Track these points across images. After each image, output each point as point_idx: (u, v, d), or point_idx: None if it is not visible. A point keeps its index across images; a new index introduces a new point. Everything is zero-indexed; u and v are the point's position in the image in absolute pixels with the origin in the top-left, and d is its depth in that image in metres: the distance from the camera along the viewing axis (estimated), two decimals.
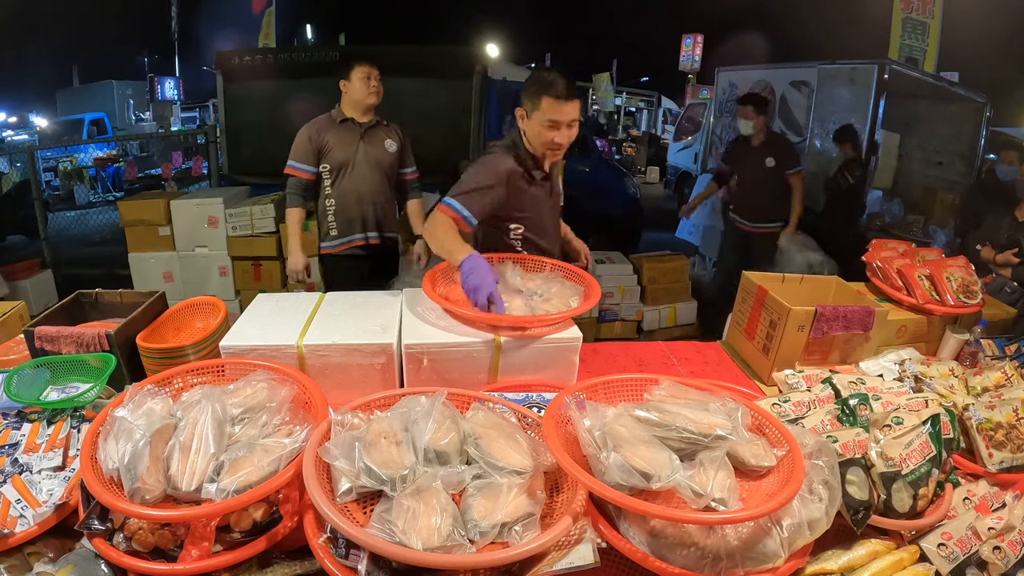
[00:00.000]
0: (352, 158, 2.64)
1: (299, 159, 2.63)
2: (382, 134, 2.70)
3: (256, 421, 1.14)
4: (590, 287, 1.70)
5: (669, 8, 20.40)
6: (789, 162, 3.92)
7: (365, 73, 2.57)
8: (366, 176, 2.67)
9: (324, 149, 2.62)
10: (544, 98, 1.75)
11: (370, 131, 2.67)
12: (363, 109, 2.63)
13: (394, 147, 2.72)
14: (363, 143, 2.65)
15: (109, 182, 9.77)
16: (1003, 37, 7.72)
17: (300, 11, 14.09)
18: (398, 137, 2.75)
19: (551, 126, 1.78)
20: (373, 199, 2.71)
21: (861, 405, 1.32)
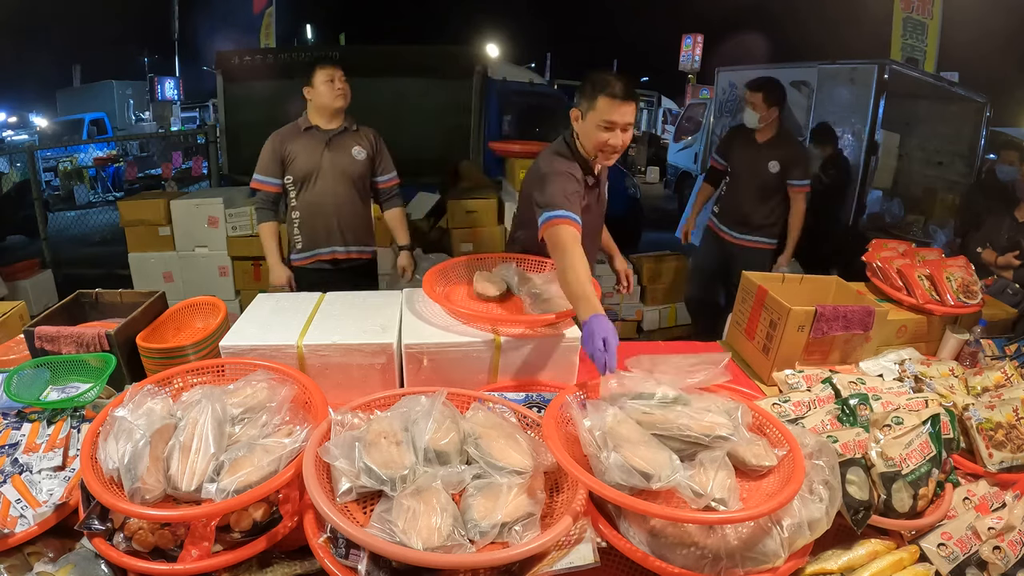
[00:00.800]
0: (316, 168, 2.47)
1: (264, 172, 2.49)
2: (350, 141, 2.51)
3: (256, 421, 1.14)
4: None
5: (669, 8, 20.39)
6: (796, 173, 3.20)
7: (328, 75, 2.41)
8: (331, 187, 2.49)
9: (288, 159, 2.47)
10: (601, 98, 1.69)
11: (336, 138, 2.49)
12: (330, 114, 2.47)
13: (363, 155, 2.53)
14: (328, 151, 2.47)
15: (109, 182, 9.77)
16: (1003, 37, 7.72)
17: (300, 11, 14.09)
18: (370, 143, 2.56)
19: (606, 127, 1.71)
20: (339, 211, 2.53)
21: (861, 405, 1.32)
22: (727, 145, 3.51)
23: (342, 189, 2.51)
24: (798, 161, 3.23)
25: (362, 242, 2.64)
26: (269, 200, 2.51)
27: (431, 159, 5.00)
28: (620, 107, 1.69)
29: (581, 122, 1.77)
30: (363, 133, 2.57)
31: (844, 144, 5.00)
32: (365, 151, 2.54)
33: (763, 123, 3.20)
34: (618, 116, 1.70)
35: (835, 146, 4.78)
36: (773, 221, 3.35)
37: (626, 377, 1.20)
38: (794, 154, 3.26)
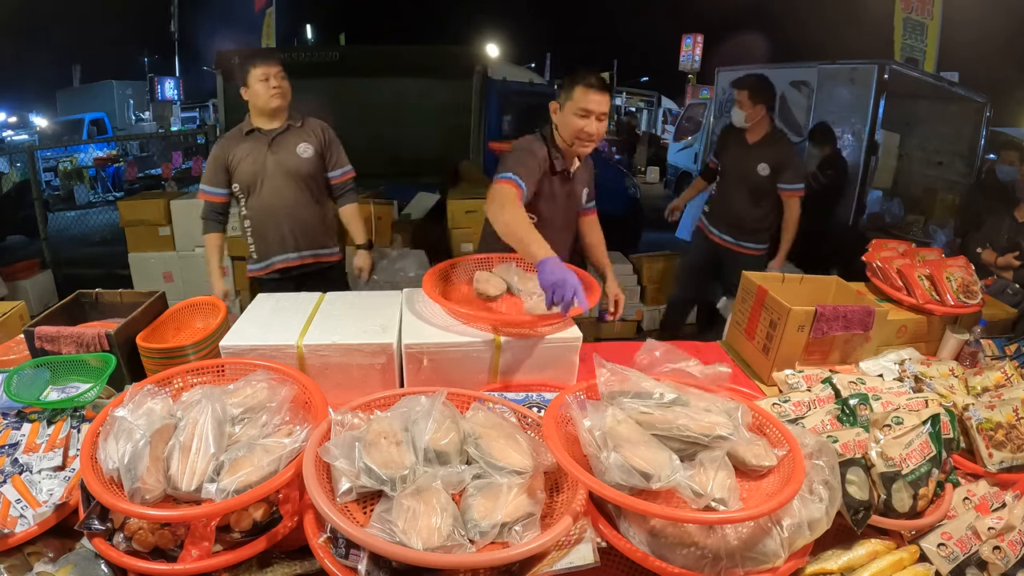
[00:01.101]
0: (261, 172, 2.35)
1: (209, 181, 2.40)
2: (294, 139, 2.38)
3: (256, 421, 1.14)
4: (590, 287, 1.70)
5: (669, 8, 20.39)
6: (787, 176, 3.07)
7: (263, 74, 2.28)
8: (279, 189, 2.37)
9: (232, 166, 2.36)
10: (577, 87, 1.84)
11: (280, 138, 2.36)
12: (268, 115, 2.35)
13: (310, 151, 2.39)
14: (272, 153, 2.35)
15: (109, 182, 9.78)
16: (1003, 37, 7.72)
17: (300, 11, 14.11)
18: (317, 138, 2.42)
19: (583, 115, 1.85)
20: (290, 214, 2.41)
21: (861, 405, 1.32)
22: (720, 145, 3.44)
23: (291, 191, 2.39)
24: (789, 163, 3.09)
25: (320, 245, 2.51)
26: (214, 210, 2.43)
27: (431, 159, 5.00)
28: (595, 95, 1.84)
29: (559, 113, 1.92)
30: (309, 128, 2.43)
31: (844, 144, 5.00)
32: (312, 147, 2.40)
33: (749, 121, 3.10)
34: (593, 104, 1.84)
35: (834, 146, 4.77)
36: (765, 226, 3.25)
37: (619, 371, 1.20)
38: (784, 156, 3.12)
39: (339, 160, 2.50)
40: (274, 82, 2.30)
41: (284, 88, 2.32)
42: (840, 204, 4.99)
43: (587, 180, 2.17)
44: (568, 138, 1.92)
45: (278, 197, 2.38)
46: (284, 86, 2.32)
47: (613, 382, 1.18)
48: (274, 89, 2.29)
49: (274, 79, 2.30)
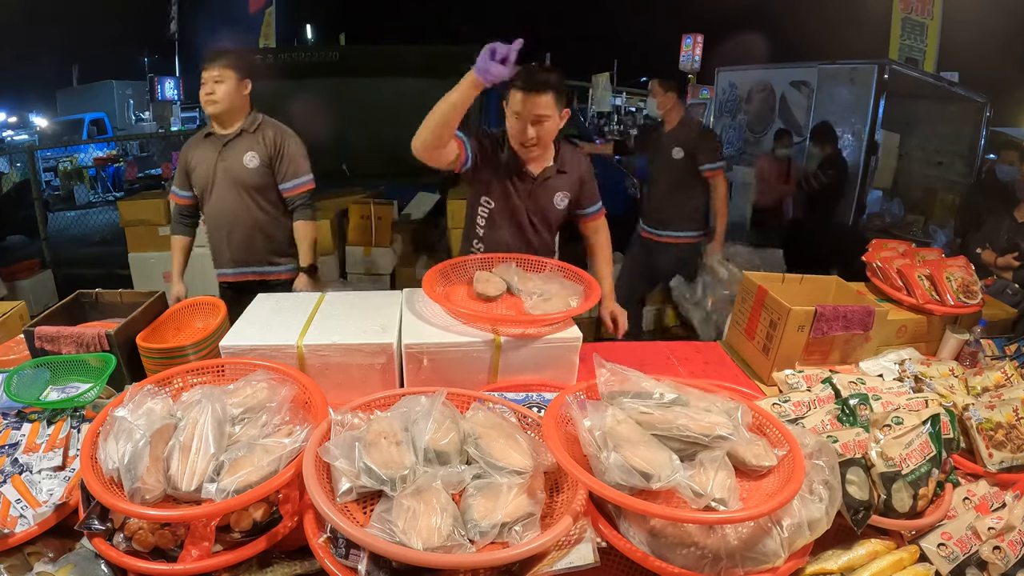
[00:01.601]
0: (211, 179, 2.23)
1: (176, 183, 2.31)
2: (243, 146, 2.21)
3: (256, 421, 1.14)
4: (590, 287, 1.70)
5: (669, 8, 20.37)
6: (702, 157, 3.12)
7: (203, 79, 2.13)
8: (223, 199, 2.24)
9: (190, 171, 2.26)
10: (511, 90, 1.76)
11: (230, 144, 2.20)
12: (219, 119, 2.21)
13: (256, 161, 2.20)
14: (220, 160, 2.21)
15: (109, 182, 9.78)
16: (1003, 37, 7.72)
17: (300, 11, 14.10)
18: (266, 147, 2.22)
19: (516, 118, 1.78)
20: (231, 227, 2.26)
21: (861, 405, 1.32)
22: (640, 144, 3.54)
23: (234, 202, 2.23)
24: (702, 144, 3.17)
25: (264, 262, 2.34)
26: (180, 212, 2.36)
27: None
28: (525, 98, 1.73)
29: (507, 112, 1.84)
30: (261, 134, 2.23)
31: (844, 144, 5.00)
32: (259, 156, 2.21)
33: (662, 109, 3.21)
34: (524, 107, 1.74)
35: (835, 146, 4.78)
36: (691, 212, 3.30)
37: (619, 371, 1.20)
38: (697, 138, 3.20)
39: (292, 171, 2.28)
40: (208, 87, 2.13)
41: (219, 93, 2.13)
42: (840, 204, 4.99)
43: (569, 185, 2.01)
44: (512, 140, 1.84)
45: (222, 207, 2.26)
46: (219, 92, 2.13)
47: (613, 382, 1.18)
48: (206, 96, 2.13)
49: (209, 84, 2.13)
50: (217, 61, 2.14)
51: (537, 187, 1.98)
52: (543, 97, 1.74)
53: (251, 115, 2.26)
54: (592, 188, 2.09)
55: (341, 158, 4.49)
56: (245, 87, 2.22)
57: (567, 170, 2.00)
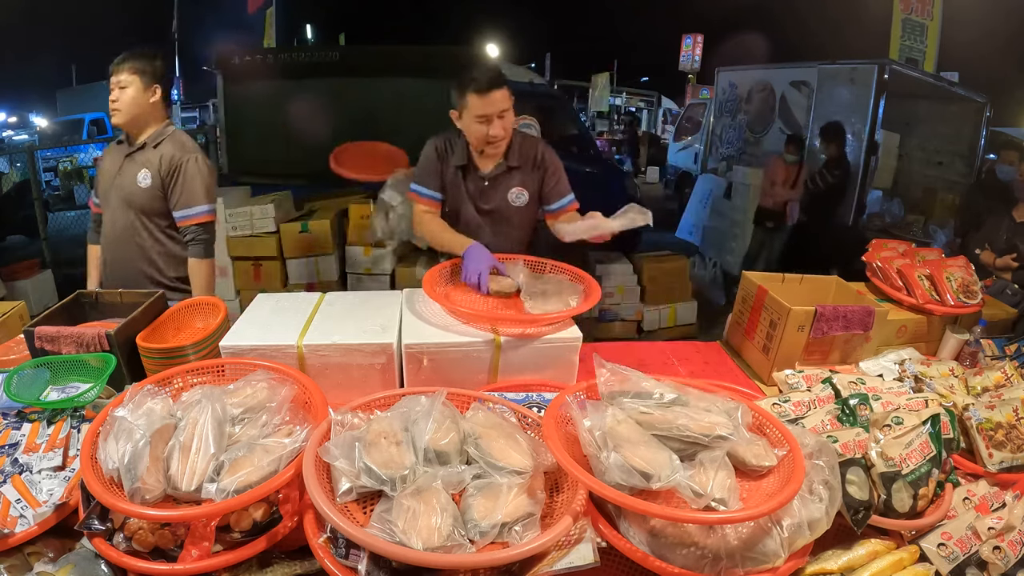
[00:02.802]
0: (108, 192, 2.00)
1: (95, 191, 2.11)
2: (140, 162, 1.95)
3: (256, 421, 1.14)
4: (590, 287, 1.70)
5: (669, 8, 20.41)
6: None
7: (112, 83, 1.93)
8: (113, 218, 2.00)
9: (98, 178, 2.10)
10: (468, 95, 1.78)
11: (130, 157, 1.97)
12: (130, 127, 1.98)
13: (147, 181, 1.93)
14: (118, 174, 1.98)
15: None
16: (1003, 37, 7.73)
17: (300, 11, 14.10)
18: (162, 166, 1.93)
19: (482, 120, 1.80)
20: (114, 246, 2.02)
21: (861, 405, 1.32)
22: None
23: (122, 221, 1.98)
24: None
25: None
26: (95, 220, 2.14)
27: None
28: (488, 98, 1.77)
29: (461, 120, 1.86)
30: (161, 152, 1.94)
31: (844, 144, 5.00)
32: (151, 177, 1.93)
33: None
34: (488, 108, 1.78)
35: (841, 146, 4.79)
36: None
37: (619, 371, 1.20)
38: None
39: (187, 198, 1.96)
40: (113, 94, 1.92)
41: (122, 101, 1.90)
42: (841, 204, 5.00)
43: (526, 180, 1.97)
44: (476, 145, 1.88)
45: (110, 226, 2.03)
46: (123, 98, 1.90)
47: (613, 382, 1.18)
48: (111, 103, 1.93)
49: (116, 89, 1.91)
50: (123, 64, 1.91)
51: (488, 187, 1.97)
52: (502, 92, 1.79)
53: (162, 127, 1.99)
54: (558, 180, 1.99)
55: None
56: (153, 94, 1.95)
57: (520, 164, 1.96)
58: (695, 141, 9.32)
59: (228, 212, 4.01)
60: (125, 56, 1.93)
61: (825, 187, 4.84)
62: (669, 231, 7.09)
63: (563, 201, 2.00)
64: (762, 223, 5.31)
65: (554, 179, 1.99)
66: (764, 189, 5.28)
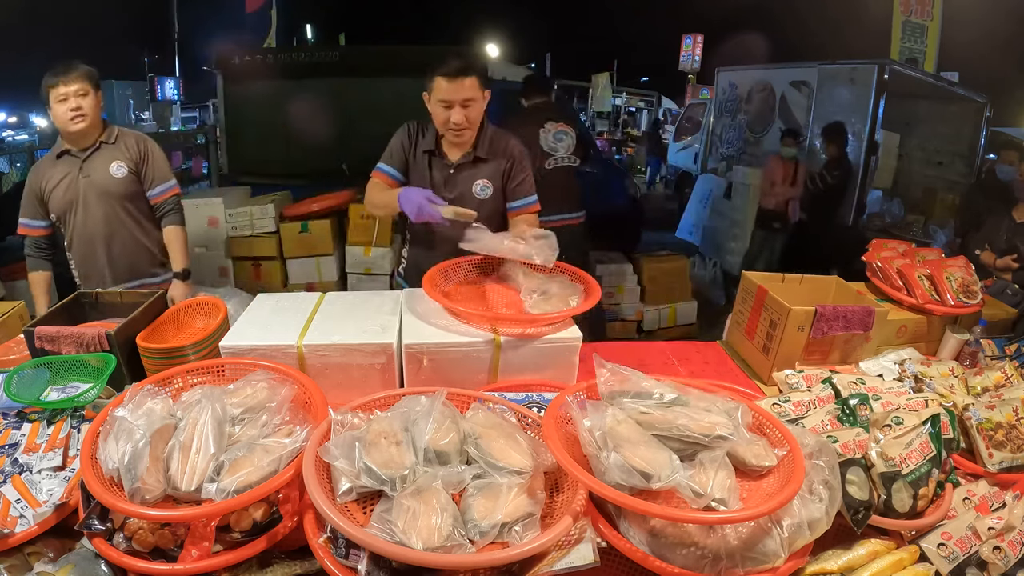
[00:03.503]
0: (76, 198, 2.13)
1: (26, 214, 2.17)
2: (107, 157, 2.15)
3: (256, 421, 1.14)
4: (590, 287, 1.70)
5: (669, 8, 20.39)
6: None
7: (60, 95, 2.02)
8: (97, 215, 2.15)
9: (45, 195, 2.14)
10: (436, 78, 1.79)
11: (91, 158, 2.14)
12: (73, 137, 2.11)
13: (123, 170, 2.16)
14: (83, 176, 2.13)
15: None
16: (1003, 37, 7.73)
17: (300, 11, 14.10)
18: (130, 154, 2.18)
19: (445, 105, 1.81)
20: (108, 244, 2.18)
21: (861, 405, 1.32)
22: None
23: (108, 216, 2.16)
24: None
25: (146, 274, 2.28)
26: (36, 245, 2.22)
27: None
28: (452, 84, 1.78)
29: (429, 103, 1.87)
30: (122, 143, 2.19)
31: (845, 144, 5.01)
32: (125, 165, 2.17)
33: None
34: (453, 93, 1.79)
35: (842, 147, 4.79)
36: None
37: (619, 371, 1.20)
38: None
39: (159, 176, 2.24)
40: (73, 103, 2.03)
41: (86, 108, 2.05)
42: (841, 204, 5.00)
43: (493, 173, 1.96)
44: (439, 129, 1.89)
45: (95, 224, 2.17)
46: (86, 106, 2.05)
47: (613, 382, 1.18)
48: (73, 112, 2.03)
49: (72, 99, 2.02)
50: (75, 73, 2.04)
51: (455, 175, 1.94)
52: (469, 81, 1.79)
53: (108, 127, 2.19)
54: (523, 180, 1.99)
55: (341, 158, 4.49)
56: (100, 99, 2.14)
57: (488, 157, 1.95)
58: (695, 141, 9.32)
59: (228, 212, 4.01)
60: (70, 66, 2.05)
61: (825, 187, 4.85)
62: (669, 231, 7.08)
63: (524, 201, 2.00)
64: (765, 225, 5.31)
65: (519, 177, 1.99)
66: (764, 189, 5.27)
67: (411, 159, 1.96)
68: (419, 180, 1.96)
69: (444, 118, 1.83)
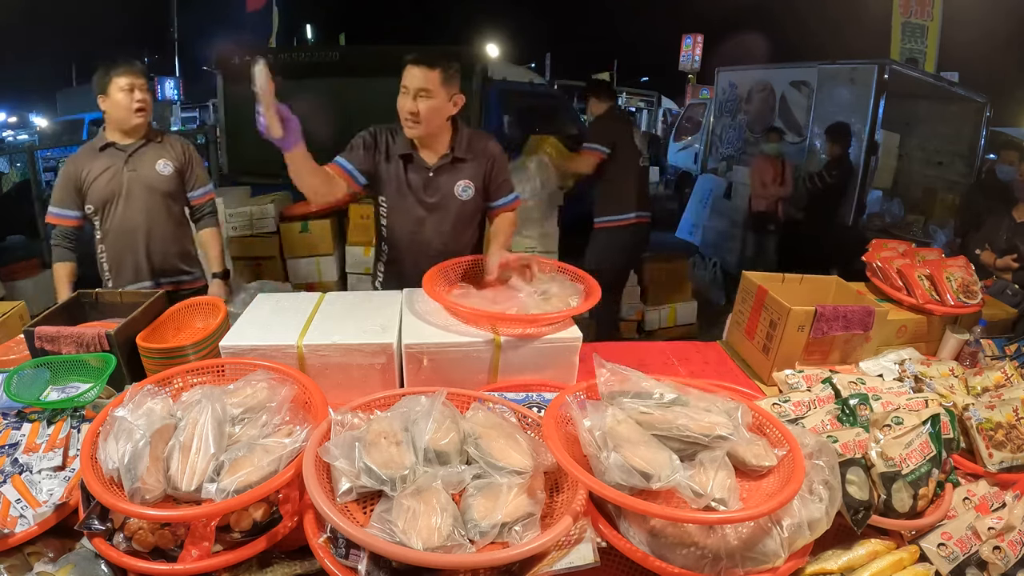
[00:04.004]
0: (118, 190, 2.17)
1: (58, 202, 2.17)
2: (153, 154, 2.21)
3: (256, 421, 1.14)
4: (590, 287, 1.70)
5: (669, 8, 20.41)
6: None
7: (128, 83, 2.09)
8: (138, 209, 2.19)
9: (84, 186, 2.16)
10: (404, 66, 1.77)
11: (137, 154, 2.19)
12: (127, 130, 2.17)
13: (170, 168, 2.23)
14: (127, 170, 2.17)
15: None
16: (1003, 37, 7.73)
17: (300, 11, 14.10)
18: (176, 154, 2.26)
19: (403, 92, 1.79)
20: (148, 238, 2.22)
21: (861, 405, 1.32)
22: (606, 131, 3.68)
23: (149, 211, 2.21)
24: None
25: (179, 272, 2.33)
26: (64, 235, 2.19)
27: None
28: (411, 70, 1.76)
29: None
30: (168, 144, 2.27)
31: (848, 145, 5.01)
32: (172, 164, 2.24)
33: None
34: (408, 80, 1.77)
35: (845, 147, 4.79)
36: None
37: (619, 371, 1.20)
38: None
39: (200, 179, 2.35)
40: (139, 95, 2.11)
41: (148, 103, 2.15)
42: (841, 204, 5.00)
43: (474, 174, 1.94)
44: (400, 115, 1.83)
45: (137, 216, 2.21)
46: (148, 101, 2.16)
47: (613, 382, 1.18)
48: (138, 103, 2.11)
49: (139, 91, 2.11)
50: (141, 68, 2.15)
51: (434, 178, 1.91)
52: (424, 71, 1.75)
53: (152, 126, 2.26)
54: (503, 177, 2.00)
55: None
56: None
57: (467, 157, 1.93)
58: (695, 141, 9.32)
59: (228, 212, 4.00)
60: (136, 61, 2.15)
61: (825, 187, 4.85)
62: (669, 231, 7.08)
63: (507, 199, 2.02)
64: (759, 228, 5.30)
65: (500, 176, 1.99)
66: (755, 190, 5.27)
67: (381, 163, 1.91)
68: (395, 184, 1.92)
69: (400, 105, 1.81)
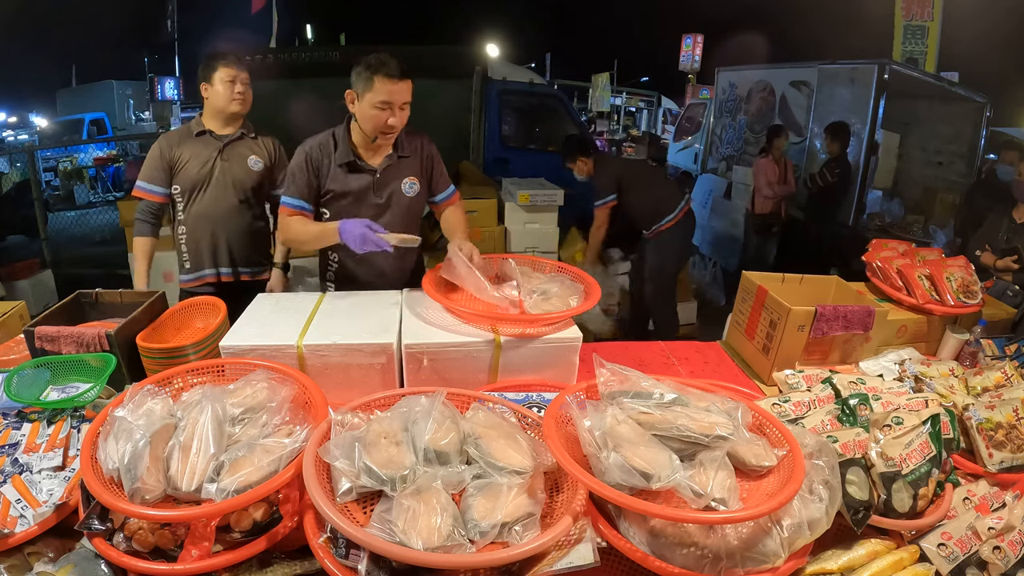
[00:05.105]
0: (207, 177, 2.23)
1: (148, 178, 2.22)
2: (245, 149, 2.28)
3: (256, 421, 1.14)
4: (590, 287, 1.70)
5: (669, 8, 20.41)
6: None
7: (230, 75, 2.17)
8: (221, 199, 2.25)
9: (176, 166, 2.22)
10: (377, 78, 1.73)
11: (231, 145, 2.25)
12: (225, 119, 2.24)
13: (259, 165, 2.29)
14: (221, 159, 2.23)
15: (109, 182, 9.77)
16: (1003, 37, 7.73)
17: (300, 11, 14.10)
18: (268, 153, 2.33)
19: (384, 107, 1.75)
20: (228, 227, 2.29)
21: (861, 405, 1.32)
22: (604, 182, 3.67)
23: (233, 202, 2.28)
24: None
25: (254, 263, 2.40)
26: (150, 211, 2.24)
27: None
28: (396, 86, 1.75)
29: (358, 104, 1.80)
30: (262, 141, 2.34)
31: (848, 144, 5.00)
32: (262, 161, 2.31)
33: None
34: (395, 95, 1.76)
35: (844, 146, 4.78)
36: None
37: (619, 371, 1.20)
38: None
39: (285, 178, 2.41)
40: (239, 87, 2.20)
41: (247, 97, 2.24)
42: (841, 204, 5.00)
43: (417, 170, 1.95)
44: (370, 132, 1.80)
45: (219, 206, 2.27)
46: (248, 95, 2.23)
47: (613, 382, 1.18)
48: (237, 94, 2.20)
49: (240, 84, 2.20)
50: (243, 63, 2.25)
51: (380, 180, 1.90)
52: (408, 84, 1.77)
53: (247, 123, 2.32)
54: (442, 171, 2.02)
55: None
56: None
57: (408, 154, 1.93)
58: (695, 141, 9.32)
59: None
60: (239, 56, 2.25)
61: (825, 187, 4.84)
62: None
63: (447, 192, 2.03)
64: (762, 229, 5.30)
65: (439, 169, 2.01)
66: (759, 190, 5.26)
67: (323, 179, 1.87)
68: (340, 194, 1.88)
69: (381, 120, 1.76)
